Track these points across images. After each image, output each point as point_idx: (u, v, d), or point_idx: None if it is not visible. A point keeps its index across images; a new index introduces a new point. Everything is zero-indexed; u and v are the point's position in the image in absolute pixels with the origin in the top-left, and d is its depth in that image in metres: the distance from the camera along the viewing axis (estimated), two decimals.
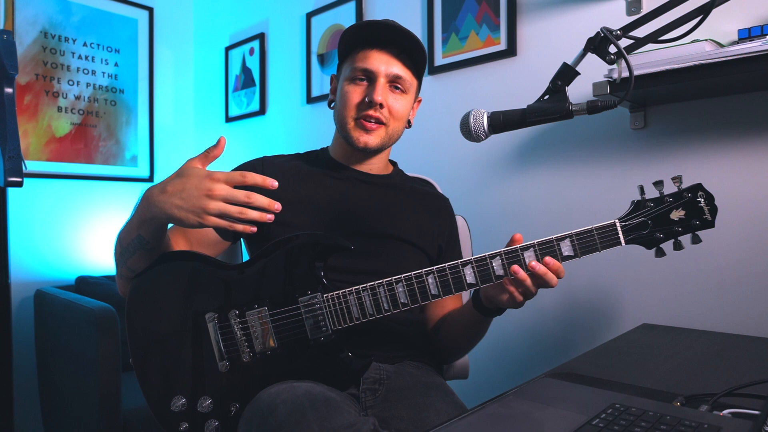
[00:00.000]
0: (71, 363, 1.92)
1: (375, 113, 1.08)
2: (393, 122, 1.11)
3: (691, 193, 0.87)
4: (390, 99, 1.09)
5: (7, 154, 1.36)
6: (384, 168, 1.21)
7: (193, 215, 0.84)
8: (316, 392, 0.83)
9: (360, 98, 1.09)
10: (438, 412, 0.93)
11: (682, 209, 0.88)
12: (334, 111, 1.16)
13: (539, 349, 1.66)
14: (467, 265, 0.91)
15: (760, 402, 0.72)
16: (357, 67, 1.09)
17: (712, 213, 0.87)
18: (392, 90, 1.10)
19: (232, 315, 0.93)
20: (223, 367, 0.92)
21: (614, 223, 0.89)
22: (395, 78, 1.09)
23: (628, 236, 0.89)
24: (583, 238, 0.89)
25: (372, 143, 1.10)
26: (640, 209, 0.89)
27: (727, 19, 1.28)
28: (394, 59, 1.09)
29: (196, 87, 3.04)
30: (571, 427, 0.64)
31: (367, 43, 1.09)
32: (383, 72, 1.08)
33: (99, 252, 2.57)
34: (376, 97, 1.06)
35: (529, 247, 0.90)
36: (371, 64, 1.08)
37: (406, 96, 1.12)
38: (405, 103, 1.12)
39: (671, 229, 0.88)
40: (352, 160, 1.17)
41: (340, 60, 1.16)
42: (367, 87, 1.09)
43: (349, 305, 0.92)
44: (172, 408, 0.91)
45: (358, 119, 1.09)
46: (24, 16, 2.42)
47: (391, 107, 1.09)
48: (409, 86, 1.12)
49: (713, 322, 1.34)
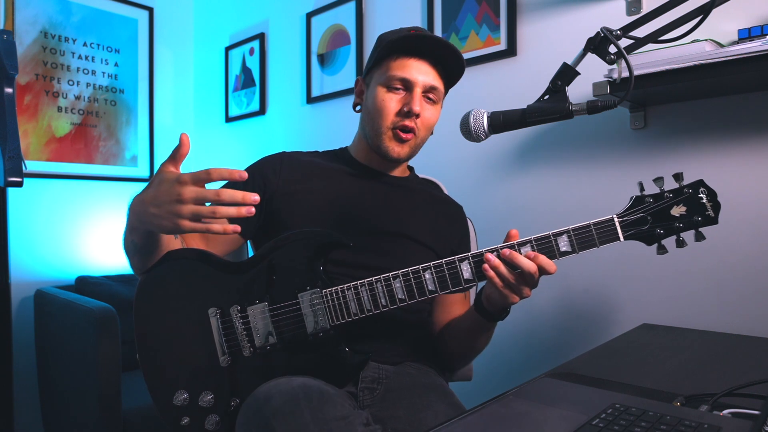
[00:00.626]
0: (71, 363, 1.92)
1: (411, 123, 1.08)
2: (423, 132, 1.12)
3: (692, 189, 0.86)
4: (424, 109, 1.10)
5: (7, 154, 1.36)
6: (403, 171, 1.23)
7: (168, 222, 0.83)
8: (312, 385, 0.84)
9: (398, 107, 1.08)
10: (436, 413, 0.93)
11: (683, 205, 0.87)
12: (363, 116, 1.15)
13: (539, 349, 1.66)
14: (464, 261, 0.91)
15: (760, 402, 0.72)
16: (395, 75, 1.08)
17: (715, 209, 0.86)
18: (425, 100, 1.10)
19: (233, 310, 0.95)
20: (225, 361, 0.94)
21: (612, 218, 0.88)
22: (430, 89, 1.09)
23: (627, 231, 0.88)
24: (580, 234, 0.89)
25: (403, 154, 1.11)
26: (639, 205, 0.88)
27: (727, 19, 1.28)
28: (431, 69, 1.09)
29: (196, 87, 3.04)
30: (571, 427, 0.64)
31: (405, 52, 1.09)
32: (421, 82, 1.08)
33: (99, 252, 2.57)
34: (415, 107, 1.06)
35: (526, 243, 0.90)
36: (410, 74, 1.07)
37: (437, 106, 1.13)
38: (435, 114, 1.13)
39: (672, 225, 0.87)
40: (374, 163, 1.18)
41: (372, 65, 1.14)
42: (404, 96, 1.09)
43: (348, 301, 0.93)
44: (174, 402, 0.92)
45: (395, 129, 1.09)
46: (24, 16, 2.42)
47: (423, 117, 1.10)
48: (440, 97, 1.13)
49: (713, 322, 1.34)
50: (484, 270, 0.89)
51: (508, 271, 0.89)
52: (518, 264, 0.88)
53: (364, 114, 1.15)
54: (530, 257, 0.88)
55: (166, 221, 0.83)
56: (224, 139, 2.85)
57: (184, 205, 0.81)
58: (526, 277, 0.88)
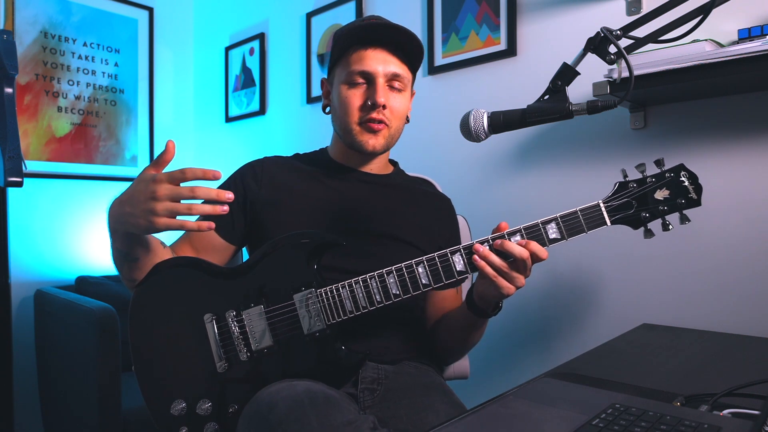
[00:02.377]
0: (71, 363, 1.92)
1: (378, 115, 1.06)
2: (395, 122, 1.10)
3: (674, 173, 0.89)
4: (390, 99, 1.08)
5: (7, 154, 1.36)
6: (384, 167, 1.21)
7: (143, 220, 0.83)
8: (316, 390, 0.83)
9: (362, 101, 1.07)
10: (437, 413, 0.93)
11: (666, 189, 0.89)
12: (333, 116, 1.15)
13: (539, 349, 1.66)
14: (456, 253, 0.92)
15: (760, 402, 0.72)
16: (353, 69, 1.07)
17: (697, 191, 0.88)
18: (390, 89, 1.09)
19: (229, 315, 0.94)
20: (222, 367, 0.93)
21: (598, 203, 0.90)
22: (394, 76, 1.08)
23: (613, 216, 0.90)
24: (568, 220, 0.90)
25: (379, 145, 1.10)
26: (623, 190, 0.90)
27: (727, 19, 1.28)
28: (390, 56, 1.07)
29: (196, 87, 3.04)
30: (571, 427, 0.64)
31: (360, 43, 1.07)
32: (381, 72, 1.06)
33: (99, 252, 2.57)
34: (378, 98, 1.05)
35: (515, 232, 0.90)
36: (368, 65, 1.06)
37: (405, 93, 1.11)
38: (404, 101, 1.11)
39: (656, 209, 0.89)
40: (352, 161, 1.17)
41: (332, 63, 1.14)
42: (366, 89, 1.07)
43: (342, 299, 0.93)
44: (172, 412, 0.92)
45: (362, 123, 1.08)
46: (24, 16, 2.42)
47: (392, 107, 1.08)
48: (407, 83, 1.11)
49: (713, 322, 1.34)
50: (474, 261, 0.89)
51: (500, 260, 0.89)
52: (510, 251, 0.88)
53: (332, 114, 1.15)
54: (522, 244, 0.88)
55: (142, 219, 0.84)
56: (224, 139, 2.85)
57: (159, 203, 0.82)
58: (519, 265, 0.89)
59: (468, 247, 0.91)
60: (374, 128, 1.07)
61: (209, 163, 2.94)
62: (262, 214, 1.10)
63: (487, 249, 0.89)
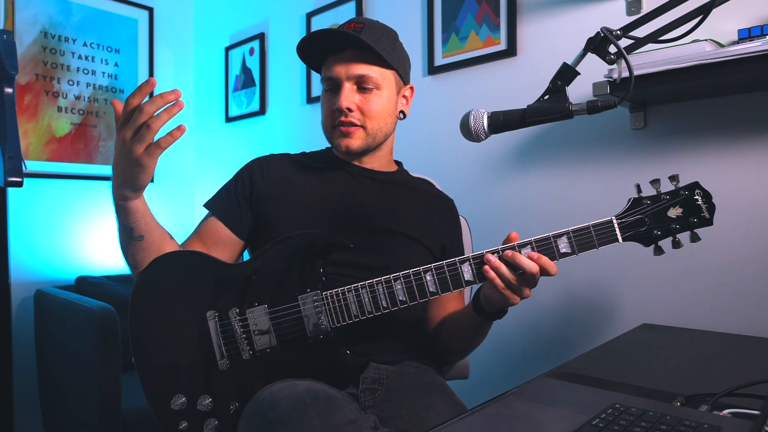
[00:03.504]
0: (71, 363, 1.92)
1: (345, 119, 1.09)
2: (370, 122, 1.10)
3: (688, 191, 0.88)
4: (359, 100, 1.09)
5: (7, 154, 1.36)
6: (388, 165, 1.22)
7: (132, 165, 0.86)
8: (317, 389, 0.83)
9: (331, 106, 1.11)
10: (438, 413, 0.93)
11: (679, 207, 0.88)
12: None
13: (539, 349, 1.66)
14: (465, 263, 0.91)
15: (760, 402, 0.72)
16: (324, 77, 1.12)
17: (710, 211, 0.87)
18: (360, 91, 1.09)
19: (232, 313, 0.94)
20: (224, 365, 0.93)
21: (611, 220, 0.89)
22: (359, 78, 1.08)
23: (625, 233, 0.89)
24: (580, 235, 0.89)
25: (354, 145, 1.11)
26: (636, 207, 0.89)
27: (727, 19, 1.28)
28: (353, 62, 1.08)
29: (196, 87, 3.04)
30: (571, 427, 0.64)
31: (328, 51, 1.10)
32: (344, 76, 1.08)
33: (99, 252, 2.57)
34: (340, 103, 1.07)
35: (526, 244, 0.90)
36: (332, 72, 1.09)
37: (380, 92, 1.10)
38: (380, 100, 1.10)
39: (669, 227, 0.88)
40: (355, 159, 1.17)
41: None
42: (335, 94, 1.10)
43: (348, 303, 0.93)
44: (172, 407, 0.92)
45: (335, 127, 1.11)
46: (24, 16, 2.42)
47: (362, 108, 1.09)
48: (381, 81, 1.10)
49: (713, 322, 1.34)
50: (485, 271, 0.89)
51: (510, 272, 0.89)
52: (520, 265, 0.88)
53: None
54: (533, 258, 0.88)
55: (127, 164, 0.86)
56: (224, 139, 2.85)
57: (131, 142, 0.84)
58: (527, 278, 0.89)
59: (477, 256, 0.91)
60: (344, 131, 1.10)
61: (209, 163, 2.95)
62: (267, 209, 1.11)
63: (498, 260, 0.89)
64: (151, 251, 0.98)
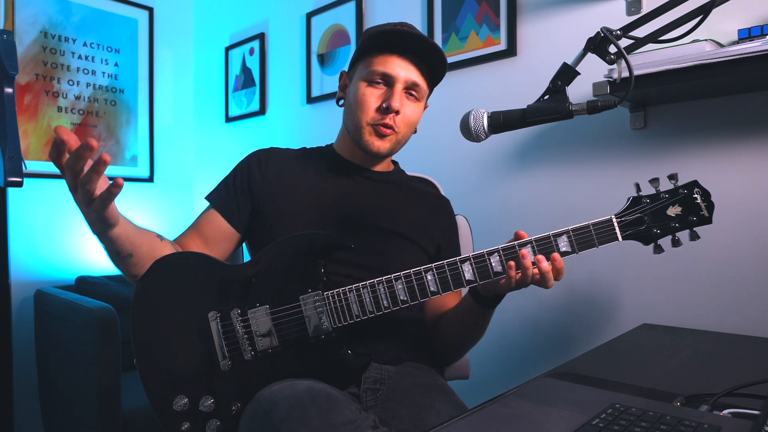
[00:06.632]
0: (71, 363, 1.92)
1: (390, 120, 1.08)
2: (404, 129, 1.11)
3: (687, 189, 0.88)
4: (405, 106, 1.09)
5: (7, 154, 1.36)
6: (386, 166, 1.22)
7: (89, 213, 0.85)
8: (318, 389, 0.83)
9: (378, 103, 1.08)
10: (438, 413, 0.93)
11: (678, 205, 0.88)
12: (346, 110, 1.15)
13: (539, 349, 1.66)
14: (465, 262, 0.92)
15: (760, 402, 0.72)
16: (376, 70, 1.07)
17: (709, 209, 0.88)
18: (407, 96, 1.10)
19: (234, 314, 0.94)
20: (225, 365, 0.93)
21: (611, 218, 0.89)
22: (412, 85, 1.09)
23: (624, 232, 0.89)
24: (580, 234, 0.89)
25: (384, 149, 1.11)
26: (636, 205, 0.89)
27: (727, 19, 1.28)
28: (413, 66, 1.08)
29: (196, 87, 3.04)
30: (571, 427, 0.64)
31: (388, 48, 1.08)
32: (402, 78, 1.07)
33: (99, 252, 2.53)
34: (394, 103, 1.06)
35: (526, 243, 0.90)
36: (392, 69, 1.07)
37: (419, 104, 1.13)
38: (417, 111, 1.13)
39: (668, 225, 0.89)
40: (357, 158, 1.17)
41: (356, 58, 1.14)
42: (385, 91, 1.08)
43: (350, 303, 0.93)
44: (174, 408, 0.92)
45: (374, 125, 1.09)
46: (24, 16, 2.42)
47: (404, 115, 1.09)
48: (423, 95, 1.13)
49: (713, 322, 1.34)
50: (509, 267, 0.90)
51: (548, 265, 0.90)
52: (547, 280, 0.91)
53: (346, 108, 1.15)
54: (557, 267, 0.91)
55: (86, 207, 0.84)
56: (224, 139, 2.85)
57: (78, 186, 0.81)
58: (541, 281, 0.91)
59: (478, 256, 0.91)
60: (383, 132, 1.09)
61: (209, 163, 2.95)
62: (263, 203, 1.11)
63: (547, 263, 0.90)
64: (143, 263, 0.97)
